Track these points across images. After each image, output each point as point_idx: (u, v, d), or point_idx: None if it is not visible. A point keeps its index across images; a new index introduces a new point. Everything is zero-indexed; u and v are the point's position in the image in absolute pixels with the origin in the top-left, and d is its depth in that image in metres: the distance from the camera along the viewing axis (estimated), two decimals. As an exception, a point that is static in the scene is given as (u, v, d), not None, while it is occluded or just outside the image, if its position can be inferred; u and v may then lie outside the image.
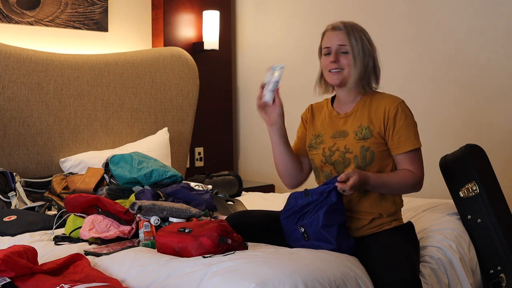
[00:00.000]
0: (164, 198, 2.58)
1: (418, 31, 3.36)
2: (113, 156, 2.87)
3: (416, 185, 2.11)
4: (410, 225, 2.18)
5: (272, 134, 2.16)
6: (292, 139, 2.35)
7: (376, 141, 2.10)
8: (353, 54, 2.10)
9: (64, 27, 3.54)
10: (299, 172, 2.24)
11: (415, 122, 2.16)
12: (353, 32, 2.11)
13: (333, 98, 2.28)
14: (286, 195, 3.23)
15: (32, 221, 2.53)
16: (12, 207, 2.79)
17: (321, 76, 2.22)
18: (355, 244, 2.00)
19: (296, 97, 3.95)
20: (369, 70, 2.14)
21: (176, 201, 2.54)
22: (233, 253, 1.86)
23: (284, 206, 2.11)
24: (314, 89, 2.25)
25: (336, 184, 1.95)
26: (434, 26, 3.30)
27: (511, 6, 3.01)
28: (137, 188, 2.74)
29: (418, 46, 3.37)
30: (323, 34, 2.18)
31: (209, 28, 4.03)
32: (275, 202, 3.09)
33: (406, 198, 2.79)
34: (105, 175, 2.93)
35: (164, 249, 1.99)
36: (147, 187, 2.76)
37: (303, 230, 2.00)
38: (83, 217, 2.36)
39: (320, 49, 2.19)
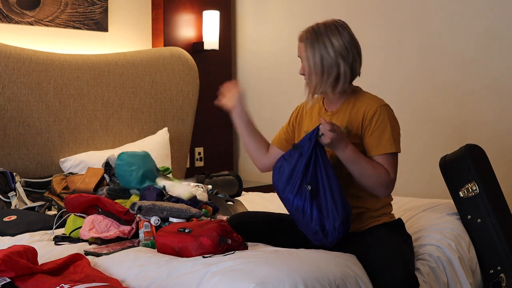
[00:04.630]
0: (167, 197, 2.59)
1: (417, 32, 3.36)
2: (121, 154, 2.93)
3: (386, 185, 2.03)
4: (400, 221, 2.17)
5: (234, 118, 2.29)
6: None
7: (353, 141, 2.06)
8: (308, 68, 2.10)
9: (64, 27, 3.54)
10: (264, 154, 2.29)
11: (397, 127, 2.09)
12: (313, 44, 2.08)
13: None
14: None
15: (32, 221, 2.53)
16: (12, 207, 2.78)
17: None
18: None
19: (295, 96, 3.95)
20: (333, 79, 2.08)
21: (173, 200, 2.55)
22: (233, 253, 1.86)
23: (274, 175, 2.04)
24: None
25: (321, 120, 1.96)
26: (433, 27, 3.29)
27: None
28: (134, 191, 2.77)
29: (417, 46, 3.36)
30: None
31: (209, 28, 4.03)
32: (275, 202, 3.08)
33: (406, 198, 2.79)
34: (105, 175, 2.93)
35: (164, 249, 1.99)
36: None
37: (310, 188, 1.94)
38: (83, 217, 2.36)
39: None
